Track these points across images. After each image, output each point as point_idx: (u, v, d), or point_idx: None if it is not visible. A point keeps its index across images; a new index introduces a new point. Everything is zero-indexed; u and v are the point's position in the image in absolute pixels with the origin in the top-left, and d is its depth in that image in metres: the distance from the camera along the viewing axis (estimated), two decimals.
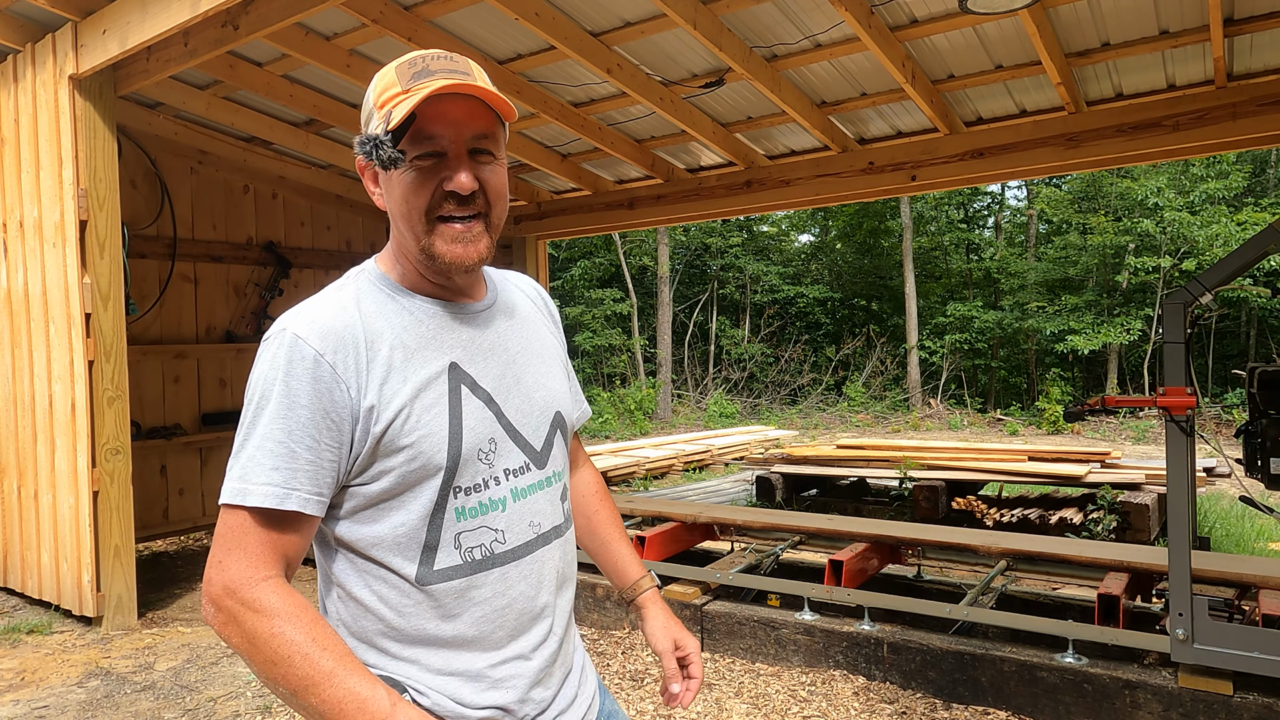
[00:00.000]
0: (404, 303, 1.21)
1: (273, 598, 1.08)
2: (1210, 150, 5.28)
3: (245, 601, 1.08)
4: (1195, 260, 17.94)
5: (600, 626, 4.70)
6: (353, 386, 1.12)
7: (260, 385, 1.12)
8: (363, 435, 1.13)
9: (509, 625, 1.22)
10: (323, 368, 1.11)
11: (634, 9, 4.86)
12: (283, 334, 1.14)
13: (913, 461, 8.19)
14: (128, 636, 4.69)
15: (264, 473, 1.09)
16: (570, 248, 24.73)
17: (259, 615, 1.07)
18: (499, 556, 1.21)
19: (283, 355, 1.12)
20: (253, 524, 1.10)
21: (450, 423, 1.17)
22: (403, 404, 1.14)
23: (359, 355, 1.14)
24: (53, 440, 4.97)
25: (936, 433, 17.79)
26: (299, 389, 1.10)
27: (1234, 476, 8.35)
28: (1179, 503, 3.10)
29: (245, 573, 1.09)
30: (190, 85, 6.18)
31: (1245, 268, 3.06)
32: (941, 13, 4.61)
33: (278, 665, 1.06)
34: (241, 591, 1.08)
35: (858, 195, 6.49)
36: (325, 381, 1.11)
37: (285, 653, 1.06)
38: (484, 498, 1.20)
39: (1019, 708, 3.51)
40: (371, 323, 1.17)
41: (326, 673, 1.05)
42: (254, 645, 1.07)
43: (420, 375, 1.16)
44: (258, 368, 1.14)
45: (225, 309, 7.55)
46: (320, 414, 1.11)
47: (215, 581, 1.09)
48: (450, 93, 1.13)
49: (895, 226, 24.57)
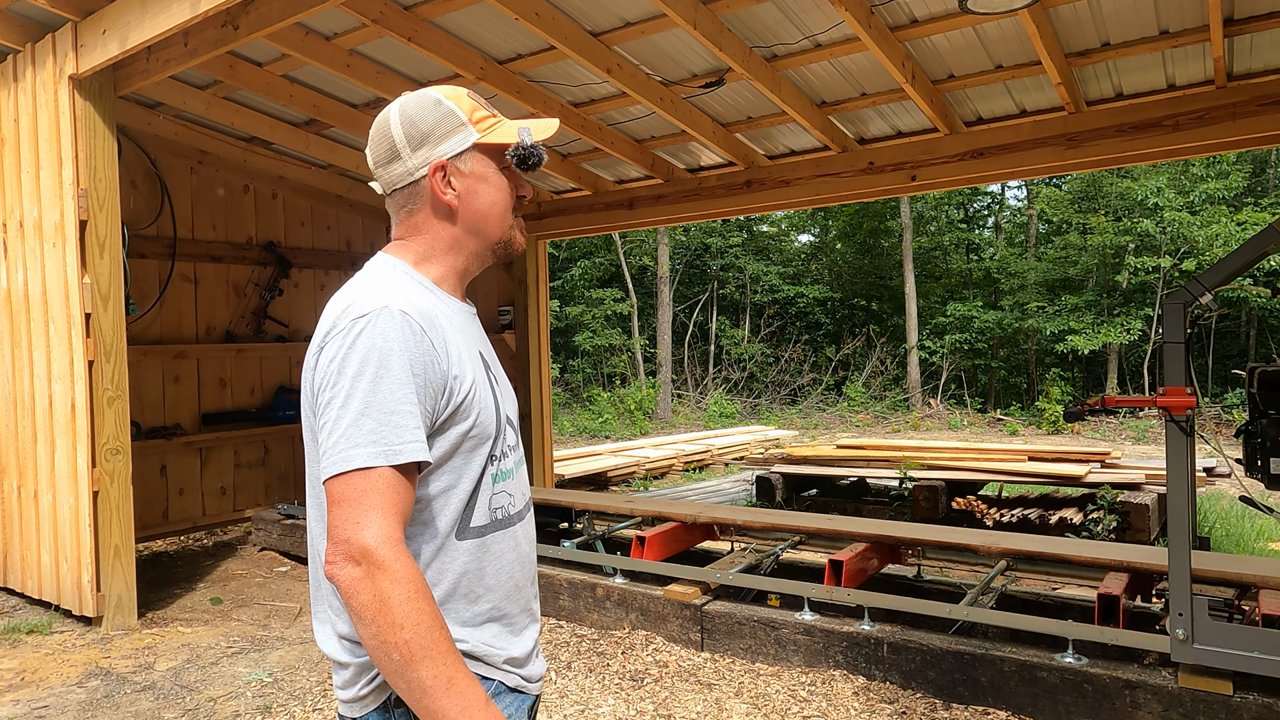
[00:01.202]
0: (440, 296, 1.39)
1: (410, 567, 1.17)
2: (1210, 150, 5.28)
3: (384, 563, 1.15)
4: (1195, 260, 17.93)
5: (600, 626, 4.70)
6: (443, 359, 1.27)
7: (377, 354, 1.21)
8: (445, 403, 1.27)
9: (519, 577, 1.40)
10: (426, 341, 1.25)
11: (634, 9, 4.86)
12: (387, 310, 1.24)
13: (913, 461, 8.19)
14: (128, 636, 4.69)
15: (406, 432, 1.19)
16: (570, 248, 24.72)
17: (396, 581, 1.15)
18: (512, 517, 1.40)
19: (394, 327, 1.23)
20: (391, 483, 1.18)
21: (495, 399, 1.38)
22: (472, 379, 1.32)
23: (442, 335, 1.29)
24: (53, 440, 4.97)
25: (936, 433, 17.79)
26: (414, 357, 1.23)
27: (1234, 476, 8.35)
28: (1179, 503, 3.10)
29: (386, 532, 1.16)
30: (190, 85, 6.18)
31: (1245, 268, 3.06)
32: (941, 13, 4.61)
33: (403, 630, 1.13)
34: (381, 552, 1.15)
35: (858, 195, 6.49)
36: (428, 353, 1.25)
37: (415, 620, 1.14)
38: (506, 465, 1.39)
39: (1019, 708, 3.51)
40: (435, 308, 1.33)
41: (443, 651, 1.15)
42: (385, 607, 1.13)
43: (469, 359, 1.34)
44: (364, 340, 1.22)
45: (225, 309, 7.55)
46: (425, 381, 1.24)
47: (354, 541, 1.15)
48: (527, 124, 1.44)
49: (895, 226, 24.57)
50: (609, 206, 7.59)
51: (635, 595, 4.58)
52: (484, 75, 5.47)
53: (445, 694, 1.14)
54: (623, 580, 4.76)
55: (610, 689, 3.88)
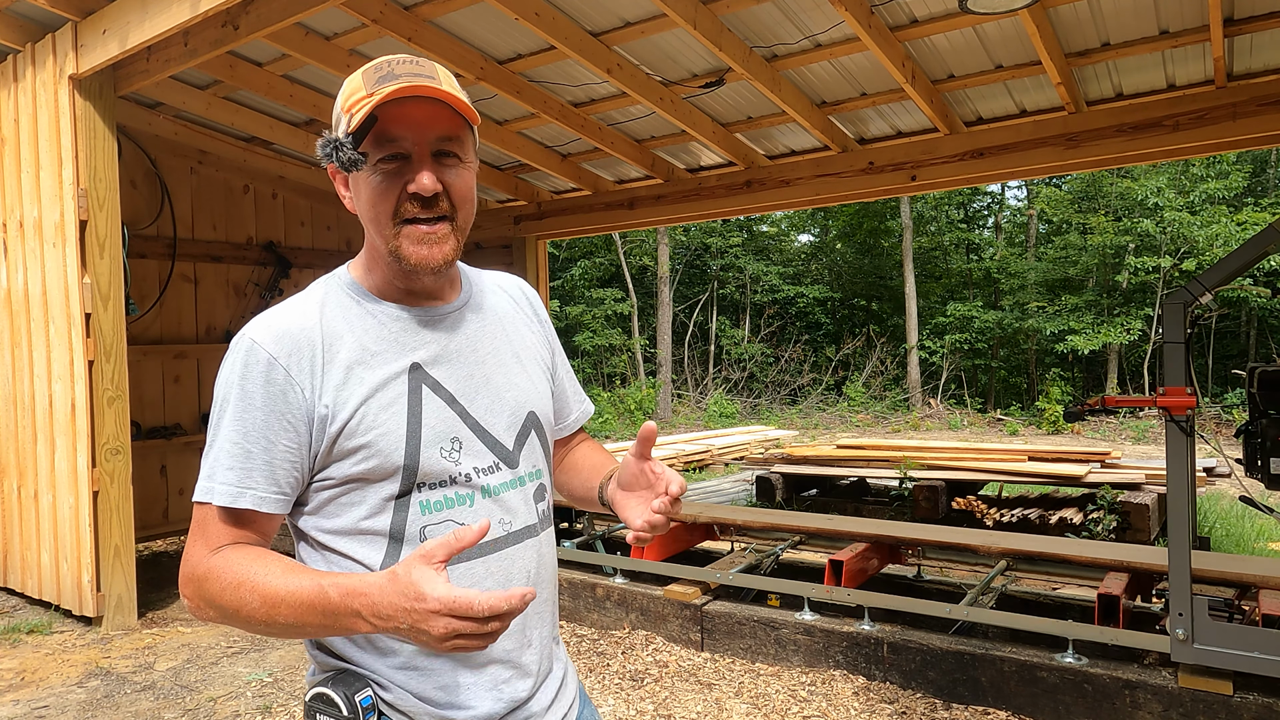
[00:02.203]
0: (369, 307, 1.23)
1: (218, 558, 1.14)
2: (1210, 150, 5.28)
3: (200, 575, 1.13)
4: (1195, 260, 17.94)
5: (600, 626, 4.70)
6: (307, 388, 1.16)
7: (221, 389, 1.18)
8: (319, 434, 1.16)
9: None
10: (276, 371, 1.15)
11: (634, 9, 4.86)
12: (241, 339, 1.18)
13: (913, 461, 8.18)
14: (128, 636, 4.69)
15: (222, 472, 1.15)
16: (570, 248, 24.73)
17: (210, 578, 1.12)
18: (465, 552, 1.19)
19: (239, 360, 1.17)
20: (214, 519, 1.16)
21: (409, 421, 1.18)
22: (358, 404, 1.17)
23: (315, 358, 1.17)
24: (53, 440, 4.97)
25: (936, 433, 17.79)
26: (253, 392, 1.15)
27: (1234, 476, 8.34)
28: (1179, 503, 3.10)
29: (199, 554, 1.15)
30: (190, 85, 6.18)
31: (1245, 268, 3.06)
32: (941, 13, 4.61)
33: (265, 606, 1.08)
34: (196, 569, 1.14)
35: (858, 195, 6.48)
36: (279, 384, 1.15)
37: (240, 597, 1.09)
38: (450, 493, 1.21)
39: (1019, 708, 3.51)
40: (333, 326, 1.20)
41: (310, 579, 1.07)
42: (223, 604, 1.11)
43: (378, 376, 1.19)
44: (220, 372, 1.20)
45: (225, 309, 7.55)
46: (274, 415, 1.15)
47: (181, 573, 1.17)
48: (412, 95, 1.13)
49: (895, 226, 24.58)
50: (609, 206, 7.59)
51: (635, 595, 4.58)
52: (484, 75, 5.47)
53: (332, 614, 1.04)
54: (623, 580, 4.76)
55: (610, 689, 3.88)
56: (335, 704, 1.16)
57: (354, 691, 1.16)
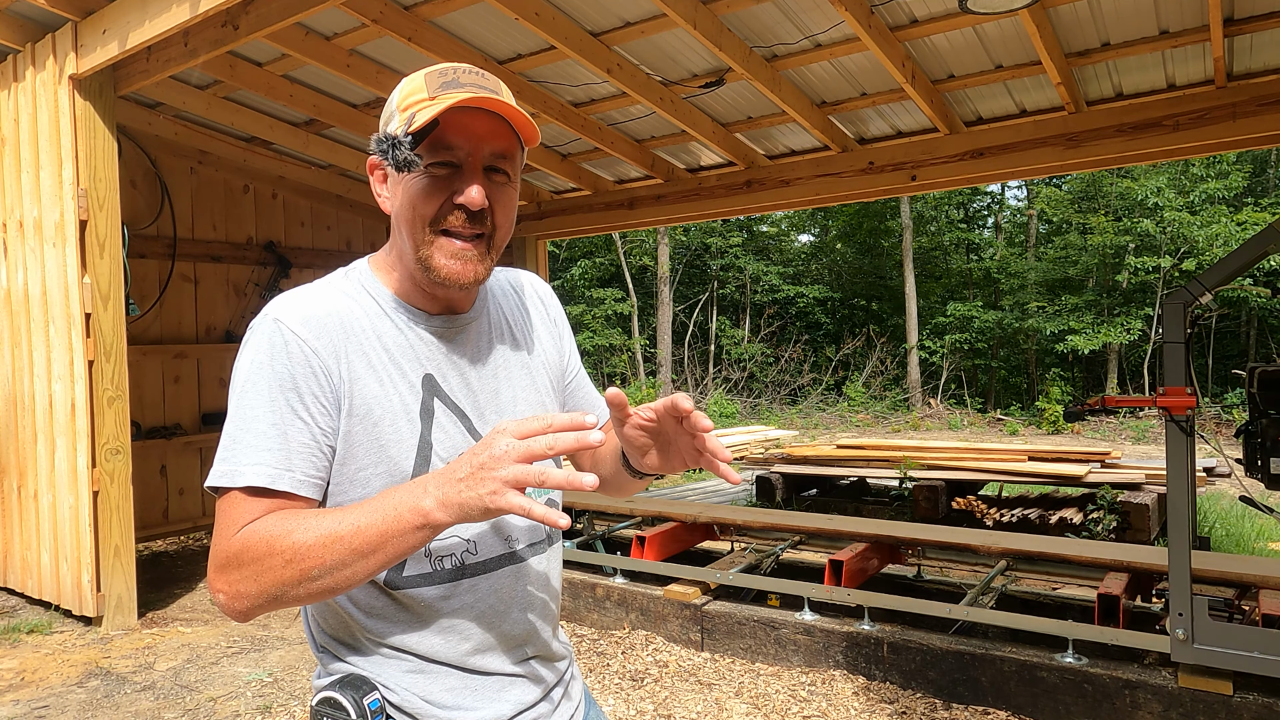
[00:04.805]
0: (388, 309, 1.21)
1: (248, 529, 1.04)
2: (1210, 150, 5.28)
3: (233, 553, 1.03)
4: (1195, 260, 17.94)
5: (600, 626, 4.70)
6: (334, 372, 1.12)
7: (245, 370, 1.12)
8: (342, 423, 1.13)
9: (478, 637, 1.21)
10: (308, 352, 1.11)
11: (634, 9, 4.86)
12: (264, 320, 1.14)
13: (913, 461, 8.18)
14: (128, 636, 4.69)
15: (254, 454, 1.07)
16: (570, 248, 24.74)
17: (246, 548, 1.02)
18: (470, 567, 1.19)
19: (265, 340, 1.12)
20: (243, 504, 1.06)
21: (422, 433, 1.17)
22: (374, 404, 1.14)
23: (338, 346, 1.13)
24: (53, 440, 4.97)
25: (936, 433, 17.78)
26: (286, 372, 1.10)
27: (1234, 476, 8.34)
28: (1179, 503, 3.10)
29: (226, 540, 1.05)
30: (190, 85, 6.18)
31: (1245, 268, 3.06)
32: (941, 13, 4.61)
33: (319, 544, 0.99)
34: (228, 549, 1.04)
35: (858, 195, 6.49)
36: (314, 366, 1.11)
37: (297, 542, 0.99)
38: None
39: (1019, 708, 3.51)
40: (355, 319, 1.17)
41: (351, 518, 0.99)
42: (269, 565, 1.00)
43: (395, 382, 1.16)
44: (243, 354, 1.13)
45: (225, 309, 7.55)
46: (312, 397, 1.10)
47: (210, 570, 1.06)
48: (476, 106, 1.11)
49: (895, 226, 24.58)
50: (609, 206, 7.59)
51: (635, 595, 4.58)
52: None
53: (393, 507, 0.98)
54: (623, 580, 4.76)
55: (610, 689, 3.88)
56: (343, 708, 1.14)
57: (362, 695, 1.15)
